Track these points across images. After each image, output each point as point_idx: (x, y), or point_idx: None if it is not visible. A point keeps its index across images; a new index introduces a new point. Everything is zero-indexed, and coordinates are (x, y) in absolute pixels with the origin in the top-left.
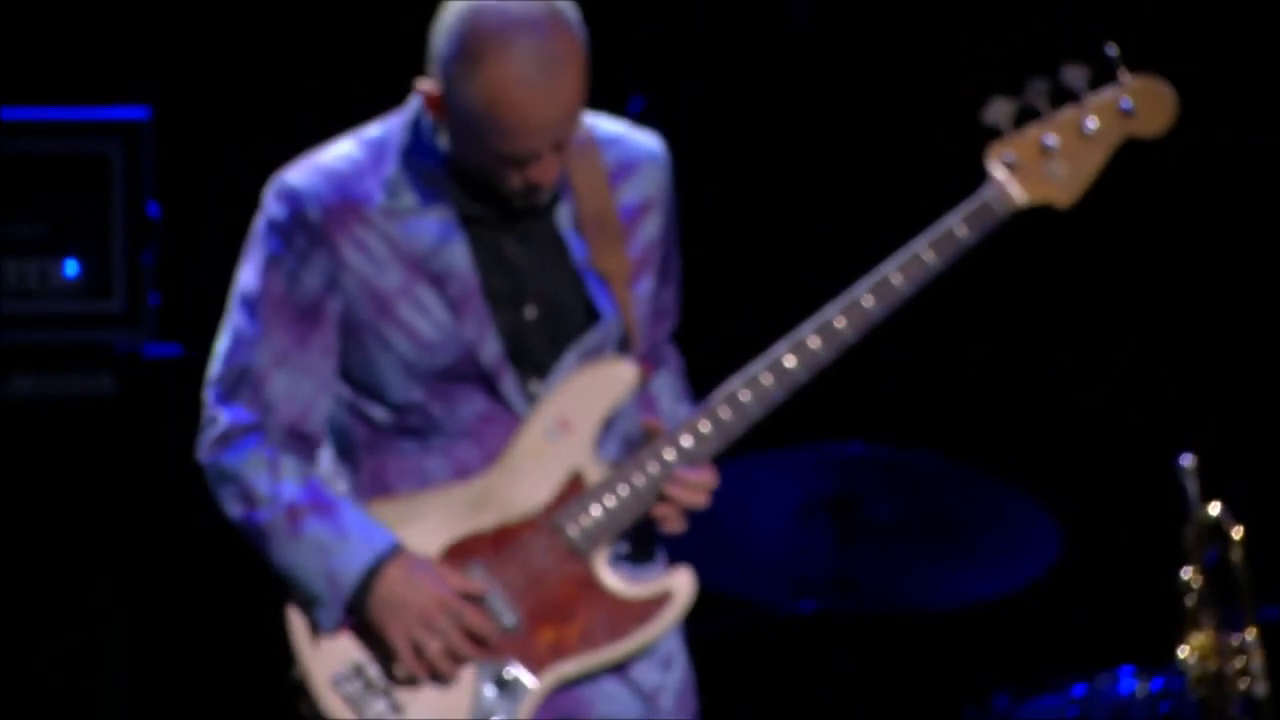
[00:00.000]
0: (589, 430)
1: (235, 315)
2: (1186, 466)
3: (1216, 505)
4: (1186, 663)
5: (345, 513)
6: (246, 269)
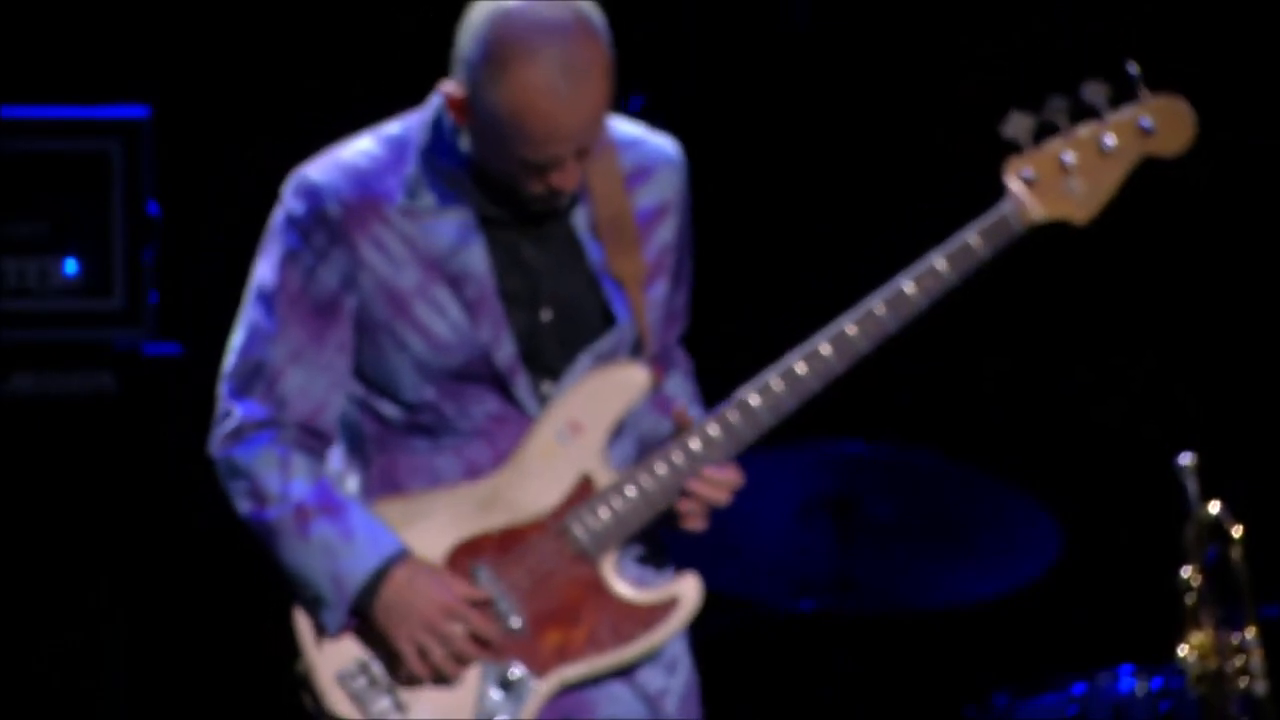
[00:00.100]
0: (600, 434)
1: (251, 309)
2: (1186, 465)
3: (1216, 504)
4: (1186, 661)
5: (353, 515)
6: (263, 263)
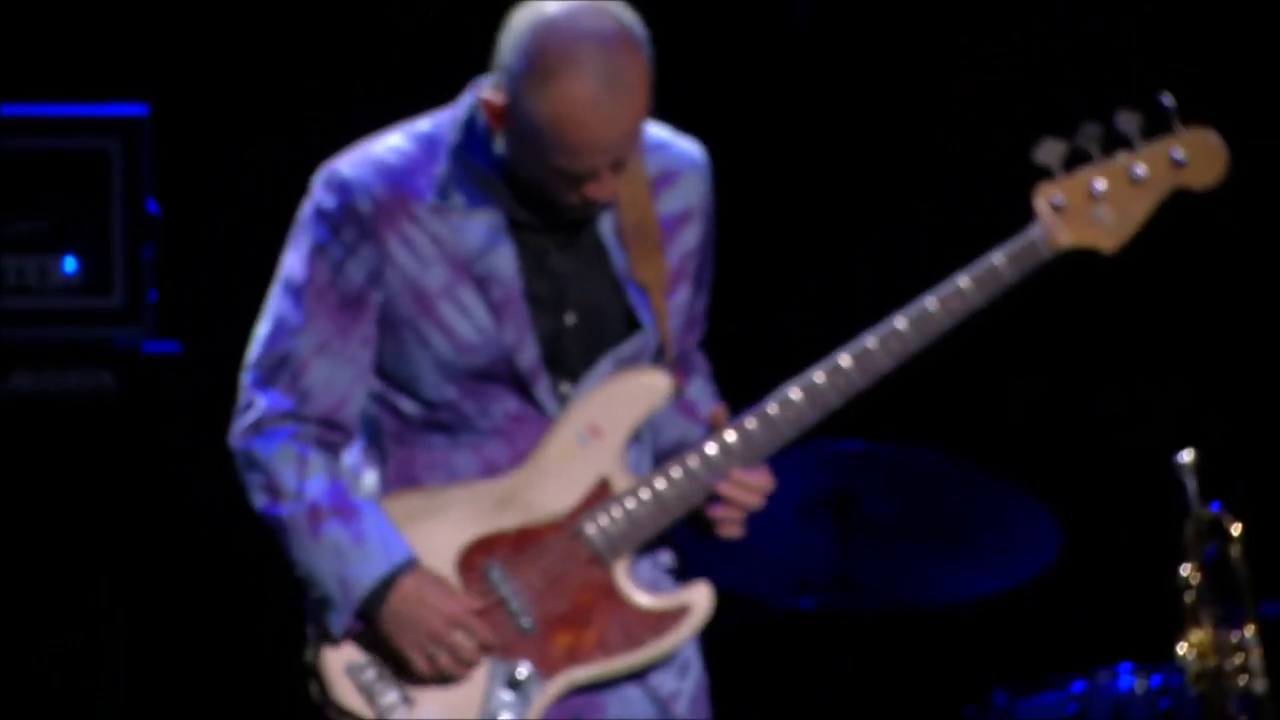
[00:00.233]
0: (619, 438)
1: (278, 301)
2: (1185, 463)
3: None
4: (1186, 659)
5: (366, 520)
6: (291, 255)
